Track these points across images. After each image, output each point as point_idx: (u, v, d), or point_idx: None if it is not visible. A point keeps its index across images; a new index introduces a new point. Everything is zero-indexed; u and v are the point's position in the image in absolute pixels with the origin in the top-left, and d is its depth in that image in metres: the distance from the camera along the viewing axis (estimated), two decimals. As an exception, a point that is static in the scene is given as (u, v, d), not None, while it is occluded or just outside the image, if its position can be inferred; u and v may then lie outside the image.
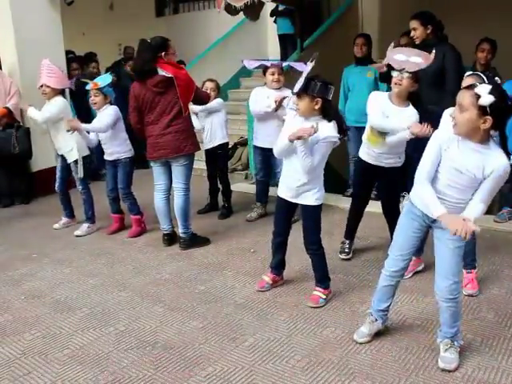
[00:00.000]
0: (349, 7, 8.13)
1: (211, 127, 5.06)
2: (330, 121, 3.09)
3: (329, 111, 3.09)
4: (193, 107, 4.69)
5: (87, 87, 4.70)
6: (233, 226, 4.93)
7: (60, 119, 4.67)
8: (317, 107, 3.05)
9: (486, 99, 2.25)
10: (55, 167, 4.95)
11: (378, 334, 2.92)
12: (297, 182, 3.22)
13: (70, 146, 4.70)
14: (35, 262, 4.24)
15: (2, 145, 5.66)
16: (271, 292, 3.52)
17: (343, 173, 6.33)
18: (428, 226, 2.68)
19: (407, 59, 3.44)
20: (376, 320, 2.89)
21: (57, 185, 4.92)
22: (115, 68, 7.73)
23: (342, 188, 5.85)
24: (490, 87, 2.28)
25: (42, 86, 4.67)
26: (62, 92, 4.80)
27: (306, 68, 3.13)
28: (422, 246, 3.59)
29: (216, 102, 5.00)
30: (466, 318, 3.07)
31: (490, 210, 5.13)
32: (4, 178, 5.94)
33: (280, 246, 3.53)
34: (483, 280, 3.54)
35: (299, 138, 2.97)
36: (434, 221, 2.57)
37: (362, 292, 3.43)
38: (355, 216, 4.04)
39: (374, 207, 4.09)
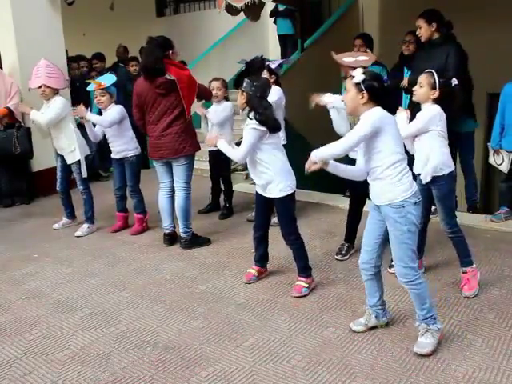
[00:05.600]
0: (349, 7, 8.14)
1: (219, 131, 5.06)
2: (248, 111, 3.36)
3: (253, 105, 3.33)
4: (210, 118, 4.95)
5: (89, 88, 4.69)
6: (233, 226, 4.93)
7: (61, 119, 4.66)
8: (244, 101, 3.36)
9: (358, 77, 2.64)
10: (56, 167, 4.95)
11: (378, 335, 2.93)
12: (254, 175, 3.46)
13: (72, 147, 4.69)
14: (36, 262, 4.24)
15: (3, 145, 5.67)
16: (272, 292, 3.52)
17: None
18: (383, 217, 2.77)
19: (355, 59, 3.60)
20: (371, 314, 2.97)
21: (58, 184, 4.92)
22: (114, 68, 7.72)
23: (342, 188, 5.85)
24: (362, 70, 2.70)
25: (40, 86, 4.60)
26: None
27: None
28: (422, 248, 3.59)
29: (229, 112, 5.04)
30: (467, 318, 3.08)
31: (488, 211, 5.17)
32: (5, 178, 5.95)
33: (260, 241, 3.66)
34: (483, 280, 3.53)
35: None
36: (378, 207, 2.75)
37: (363, 292, 3.40)
38: (353, 217, 4.05)
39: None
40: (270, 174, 3.38)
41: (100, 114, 4.74)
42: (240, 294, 3.53)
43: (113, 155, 4.76)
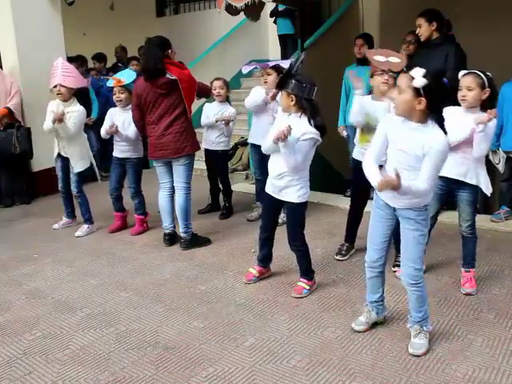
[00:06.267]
0: (349, 7, 8.12)
1: (219, 133, 5.08)
2: (308, 118, 3.21)
3: (305, 108, 3.21)
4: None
5: (108, 83, 4.64)
6: (233, 226, 4.93)
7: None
8: (292, 103, 3.19)
9: (419, 81, 2.40)
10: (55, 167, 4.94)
11: (378, 335, 2.93)
12: (278, 177, 3.34)
13: (79, 155, 4.67)
14: (36, 262, 4.24)
15: (3, 145, 5.67)
16: (272, 292, 3.52)
17: (343, 173, 6.34)
18: (394, 216, 2.77)
19: (387, 60, 3.51)
20: (372, 310, 2.99)
21: (60, 184, 4.91)
22: (114, 69, 7.73)
23: (342, 188, 5.85)
24: (424, 71, 2.41)
25: (55, 86, 4.50)
26: (75, 94, 4.63)
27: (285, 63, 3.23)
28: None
29: (232, 125, 5.06)
30: (467, 318, 3.08)
31: (489, 210, 5.17)
32: (5, 178, 5.95)
33: (266, 241, 3.64)
34: (483, 280, 3.54)
35: (279, 139, 3.10)
36: (394, 209, 2.72)
37: (363, 292, 3.41)
38: (354, 217, 4.04)
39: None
40: (295, 178, 3.30)
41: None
42: (240, 293, 3.53)
43: (115, 153, 4.73)
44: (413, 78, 2.43)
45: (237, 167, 6.82)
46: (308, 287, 3.46)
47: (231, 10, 5.56)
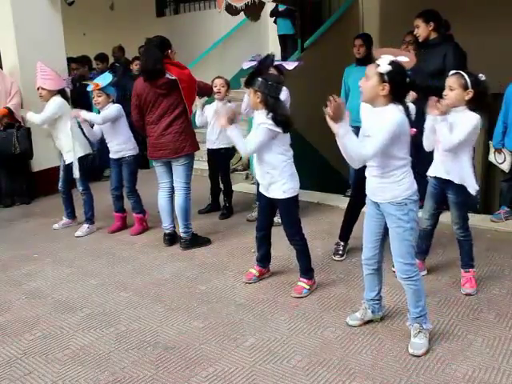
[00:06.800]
0: (349, 7, 8.13)
1: (221, 130, 5.06)
2: (267, 112, 3.27)
3: (268, 104, 3.27)
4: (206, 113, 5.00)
5: (88, 88, 4.71)
6: (233, 226, 4.93)
7: (58, 119, 4.69)
8: (258, 100, 3.27)
9: (384, 68, 2.54)
10: (56, 167, 4.97)
11: (378, 335, 2.93)
12: (260, 176, 3.43)
13: (69, 147, 4.70)
14: (36, 262, 4.24)
15: (3, 145, 5.67)
16: (272, 292, 3.52)
17: (343, 173, 6.33)
18: (382, 215, 2.78)
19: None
20: (368, 308, 3.02)
21: (59, 184, 4.93)
22: (113, 69, 7.72)
23: (342, 188, 5.85)
24: (390, 60, 2.56)
25: (38, 88, 4.70)
26: (60, 92, 4.78)
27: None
28: (427, 249, 3.60)
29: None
30: (467, 318, 3.08)
31: (489, 210, 5.18)
32: (5, 178, 5.95)
33: (262, 241, 3.66)
34: (484, 280, 3.54)
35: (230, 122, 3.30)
36: (378, 206, 2.76)
37: (362, 292, 3.41)
38: (351, 216, 4.04)
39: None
40: (274, 174, 3.35)
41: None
42: (240, 293, 3.53)
43: (111, 155, 4.76)
44: (378, 65, 2.56)
45: (237, 167, 6.81)
46: (308, 287, 3.46)
47: (231, 10, 5.56)
